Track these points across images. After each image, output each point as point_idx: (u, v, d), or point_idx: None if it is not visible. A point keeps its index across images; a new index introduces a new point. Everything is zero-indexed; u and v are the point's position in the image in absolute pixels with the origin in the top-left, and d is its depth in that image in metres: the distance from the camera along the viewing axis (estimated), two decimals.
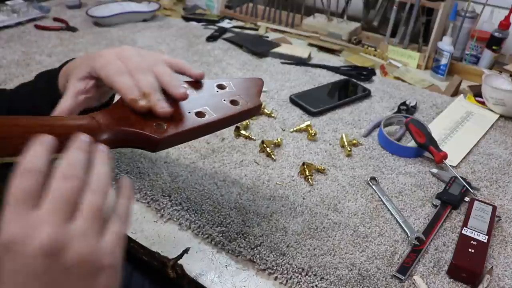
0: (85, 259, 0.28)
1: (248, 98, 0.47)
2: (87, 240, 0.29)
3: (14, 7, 1.25)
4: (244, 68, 1.04)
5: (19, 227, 0.27)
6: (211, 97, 0.46)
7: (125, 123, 0.39)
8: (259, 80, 0.51)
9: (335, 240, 0.58)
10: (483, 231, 0.58)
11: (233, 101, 0.46)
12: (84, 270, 0.28)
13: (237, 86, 0.48)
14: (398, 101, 0.93)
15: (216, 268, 0.55)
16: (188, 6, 1.46)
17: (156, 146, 0.39)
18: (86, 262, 0.29)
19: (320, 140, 0.79)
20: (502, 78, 0.93)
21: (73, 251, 0.28)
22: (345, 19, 1.28)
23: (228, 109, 0.45)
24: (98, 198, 0.30)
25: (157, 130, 0.39)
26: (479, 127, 0.85)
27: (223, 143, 0.76)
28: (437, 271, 0.55)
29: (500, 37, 1.03)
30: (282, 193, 0.66)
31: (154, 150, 0.40)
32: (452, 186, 0.67)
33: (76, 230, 0.29)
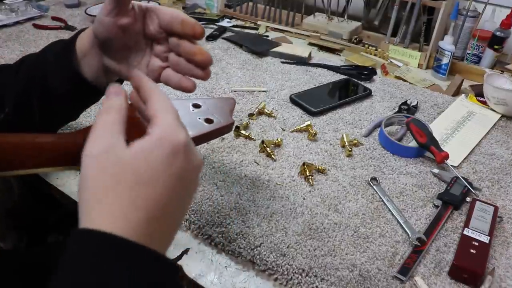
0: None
1: (221, 117, 0.50)
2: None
3: (12, 6, 1.25)
4: (244, 68, 1.04)
5: (170, 124, 0.34)
6: (187, 115, 0.49)
7: None
8: (232, 99, 0.55)
9: (335, 241, 0.58)
10: (485, 231, 0.58)
11: (207, 120, 0.49)
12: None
13: (211, 105, 0.51)
14: (399, 101, 0.92)
15: (216, 269, 0.54)
16: (187, 5, 1.46)
17: None
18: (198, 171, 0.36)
19: (320, 140, 0.79)
20: (503, 77, 0.92)
21: (195, 152, 0.36)
22: (345, 18, 1.28)
23: (203, 127, 0.47)
24: None
25: None
26: (481, 127, 0.85)
27: (223, 143, 0.76)
28: (438, 272, 0.54)
29: (502, 37, 1.03)
30: (282, 193, 0.66)
31: None
32: (453, 187, 0.67)
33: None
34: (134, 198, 0.30)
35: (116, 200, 0.30)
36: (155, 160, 0.31)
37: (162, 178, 0.31)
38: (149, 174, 0.31)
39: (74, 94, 0.51)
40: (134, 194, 0.30)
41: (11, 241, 0.77)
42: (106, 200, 0.30)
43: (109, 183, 0.30)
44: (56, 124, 0.58)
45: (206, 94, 0.92)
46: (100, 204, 0.30)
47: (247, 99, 0.91)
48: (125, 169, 0.31)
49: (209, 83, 0.96)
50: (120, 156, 0.31)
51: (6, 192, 0.72)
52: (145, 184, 0.31)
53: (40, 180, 0.68)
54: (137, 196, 0.30)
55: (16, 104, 0.52)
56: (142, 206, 0.31)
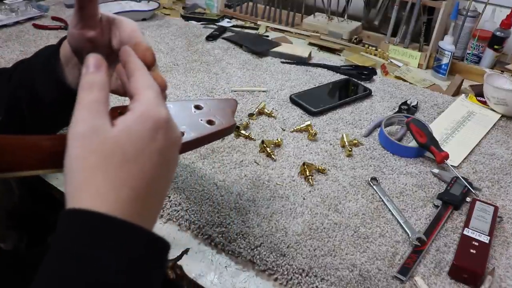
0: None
1: (223, 118, 0.50)
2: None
3: (12, 6, 1.25)
4: (244, 68, 1.04)
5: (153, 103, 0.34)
6: (189, 117, 0.49)
7: None
8: (234, 101, 0.55)
9: (335, 241, 0.58)
10: (485, 231, 0.58)
11: (209, 121, 0.49)
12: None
13: (213, 106, 0.51)
14: (399, 101, 0.92)
15: (216, 269, 0.54)
16: (187, 5, 1.46)
17: None
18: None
19: (320, 140, 0.79)
20: (503, 77, 0.92)
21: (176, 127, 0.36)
22: (345, 18, 1.28)
23: (205, 128, 0.48)
24: None
25: None
26: (481, 127, 0.85)
27: (223, 143, 0.76)
28: (438, 272, 0.54)
29: (502, 37, 1.03)
30: (282, 193, 0.66)
31: None
32: (453, 187, 0.67)
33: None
34: (122, 176, 0.30)
35: (104, 180, 0.30)
36: (139, 136, 0.32)
37: (147, 155, 0.32)
38: (134, 151, 0.31)
39: (61, 101, 0.51)
40: (121, 172, 0.30)
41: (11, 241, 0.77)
42: (95, 180, 0.30)
43: (96, 163, 0.30)
44: (48, 130, 0.58)
45: (206, 94, 0.92)
46: (88, 185, 0.30)
47: (247, 99, 0.91)
48: (112, 147, 0.31)
49: (209, 83, 0.96)
50: (106, 135, 0.31)
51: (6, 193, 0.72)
52: (131, 161, 0.31)
53: (40, 180, 0.68)
54: (124, 174, 0.31)
55: (7, 109, 0.52)
56: (130, 184, 0.31)
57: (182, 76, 0.98)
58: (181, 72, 1.00)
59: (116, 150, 0.31)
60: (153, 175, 0.32)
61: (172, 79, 0.97)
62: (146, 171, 0.32)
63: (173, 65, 1.04)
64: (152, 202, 0.33)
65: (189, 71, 1.01)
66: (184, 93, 0.91)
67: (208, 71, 1.01)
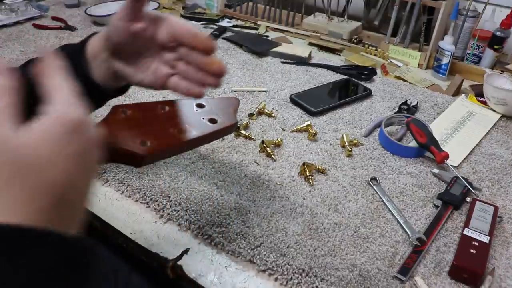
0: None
1: (225, 117, 0.50)
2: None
3: (12, 6, 1.25)
4: (244, 68, 1.04)
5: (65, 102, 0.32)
6: (191, 115, 0.49)
7: (110, 141, 0.41)
8: (236, 99, 0.55)
9: (335, 241, 0.58)
10: (485, 231, 0.58)
11: (211, 120, 0.49)
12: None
13: (215, 105, 0.51)
14: (399, 101, 0.92)
15: (216, 269, 0.54)
16: (187, 5, 1.46)
17: (141, 162, 0.41)
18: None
19: (320, 140, 0.79)
20: (504, 77, 0.92)
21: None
22: (345, 18, 1.28)
23: (207, 127, 0.48)
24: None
25: (141, 147, 0.41)
26: (481, 127, 0.85)
27: (223, 143, 0.76)
28: (438, 272, 0.54)
29: (502, 37, 1.03)
30: (282, 193, 0.66)
31: (138, 166, 0.42)
32: (453, 187, 0.67)
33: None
34: (34, 186, 0.29)
35: (13, 192, 0.28)
36: (54, 141, 0.30)
37: (62, 160, 0.30)
38: (48, 157, 0.30)
39: (86, 96, 0.51)
40: (33, 182, 0.29)
41: None
42: (2, 193, 0.28)
43: (4, 174, 0.28)
44: None
45: (206, 94, 0.91)
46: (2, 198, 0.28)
47: (247, 99, 0.91)
48: (21, 156, 0.29)
49: None
50: (13, 144, 0.29)
51: None
52: (45, 169, 0.29)
53: None
54: (36, 183, 0.29)
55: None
56: (43, 193, 0.29)
57: None
58: None
59: (26, 158, 0.29)
60: (72, 179, 0.31)
61: None
62: (63, 176, 0.30)
63: None
64: (72, 206, 0.31)
65: None
66: None
67: None
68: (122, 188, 0.65)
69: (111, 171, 0.68)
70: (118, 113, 0.44)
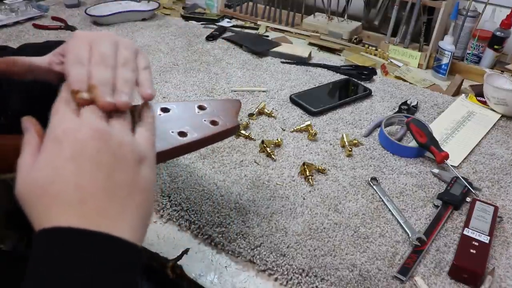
0: (127, 146, 0.33)
1: (227, 119, 0.50)
2: (124, 134, 0.33)
3: (12, 6, 1.25)
4: (244, 68, 1.04)
5: (69, 123, 0.32)
6: (192, 117, 0.48)
7: None
8: (237, 101, 0.55)
9: (335, 241, 0.58)
10: (485, 231, 0.58)
11: (213, 122, 0.48)
12: (128, 156, 0.32)
13: (216, 107, 0.51)
14: (399, 101, 0.92)
15: (216, 269, 0.54)
16: (187, 5, 1.46)
17: None
18: (129, 149, 0.33)
19: (320, 140, 0.79)
20: (503, 77, 0.92)
21: (117, 138, 0.32)
22: (345, 18, 1.28)
23: (208, 129, 0.47)
24: (123, 114, 0.36)
25: None
26: (481, 127, 0.85)
27: (223, 143, 0.76)
28: (438, 272, 0.54)
29: (502, 37, 1.03)
30: (282, 193, 0.66)
31: None
32: (453, 187, 0.67)
33: (114, 126, 0.33)
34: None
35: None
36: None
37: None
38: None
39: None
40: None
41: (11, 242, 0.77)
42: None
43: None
44: None
45: (206, 94, 0.92)
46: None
47: (247, 99, 0.91)
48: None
49: (209, 83, 0.96)
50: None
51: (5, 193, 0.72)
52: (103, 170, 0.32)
53: None
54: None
55: (21, 107, 0.52)
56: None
57: (182, 76, 0.98)
58: (181, 72, 1.00)
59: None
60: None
61: (172, 79, 0.97)
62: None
63: (173, 65, 1.04)
64: (113, 206, 0.32)
65: (189, 71, 1.01)
66: (184, 93, 0.91)
67: (208, 71, 1.01)
68: None
69: None
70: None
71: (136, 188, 0.33)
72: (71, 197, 0.30)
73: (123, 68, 0.41)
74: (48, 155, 0.31)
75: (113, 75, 0.40)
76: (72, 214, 0.29)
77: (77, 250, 0.28)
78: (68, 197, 0.29)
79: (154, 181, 0.35)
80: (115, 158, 0.32)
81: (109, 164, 0.31)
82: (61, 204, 0.29)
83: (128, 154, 0.33)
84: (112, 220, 0.30)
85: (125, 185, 0.32)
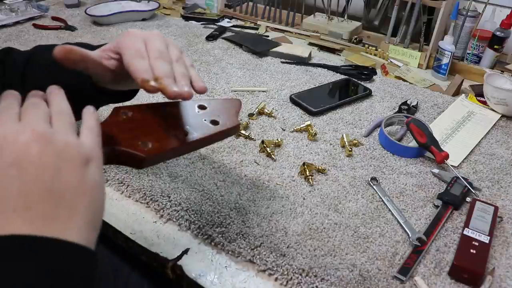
0: (72, 147, 0.32)
1: (227, 118, 0.49)
2: (68, 135, 0.33)
3: (12, 6, 1.25)
4: (244, 68, 1.04)
5: (10, 128, 0.31)
6: (193, 117, 0.48)
7: (111, 142, 0.41)
8: (238, 101, 0.55)
9: (335, 241, 0.58)
10: (485, 231, 0.58)
11: (213, 121, 0.48)
12: (73, 157, 0.32)
13: (217, 106, 0.51)
14: (399, 101, 0.92)
15: (216, 269, 0.54)
16: (187, 5, 1.46)
17: (142, 164, 0.41)
18: (74, 149, 0.32)
19: (320, 140, 0.79)
20: (504, 77, 0.92)
21: (60, 138, 0.32)
22: (345, 18, 1.28)
23: (209, 128, 0.47)
24: (66, 115, 0.35)
25: (142, 148, 0.41)
26: (481, 127, 0.85)
27: (223, 143, 0.76)
28: (438, 272, 0.54)
29: (502, 36, 1.03)
30: (282, 193, 0.66)
31: (140, 167, 0.42)
32: (453, 187, 0.67)
33: (57, 128, 0.33)
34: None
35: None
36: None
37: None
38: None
39: (78, 93, 0.51)
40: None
41: None
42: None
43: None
44: None
45: (206, 94, 0.92)
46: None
47: (247, 99, 0.91)
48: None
49: (209, 83, 0.96)
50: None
51: None
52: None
53: None
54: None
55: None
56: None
57: None
58: None
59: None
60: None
61: None
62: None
63: None
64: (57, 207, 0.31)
65: None
66: None
67: (208, 71, 1.01)
68: (122, 188, 0.65)
69: (111, 171, 0.68)
70: (119, 115, 0.44)
71: (84, 189, 0.32)
72: (16, 203, 0.29)
73: (177, 63, 0.44)
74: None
75: (171, 69, 0.43)
76: (17, 221, 0.28)
77: (21, 257, 0.27)
78: (13, 203, 0.29)
79: (102, 182, 0.35)
80: (59, 159, 0.31)
81: (53, 167, 0.30)
82: (5, 211, 0.29)
83: (73, 155, 0.32)
84: (60, 223, 0.30)
85: (71, 187, 0.31)
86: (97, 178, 0.33)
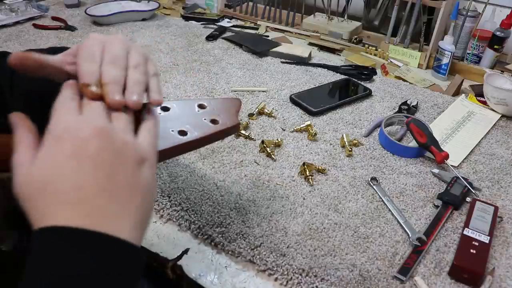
0: (130, 146, 0.33)
1: (227, 118, 0.50)
2: (127, 134, 0.33)
3: (12, 6, 1.25)
4: (244, 68, 1.04)
5: (71, 120, 0.32)
6: (193, 116, 0.49)
7: None
8: (237, 100, 0.55)
9: (335, 241, 0.58)
10: (485, 231, 0.58)
11: (213, 120, 0.48)
12: (130, 156, 0.32)
13: (217, 106, 0.51)
14: (399, 101, 0.92)
15: (216, 269, 0.54)
16: (187, 5, 1.46)
17: None
18: (131, 149, 0.33)
19: (320, 140, 0.79)
20: (504, 77, 0.92)
21: (119, 137, 0.32)
22: (345, 18, 1.28)
23: (208, 128, 0.47)
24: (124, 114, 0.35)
25: None
26: (481, 127, 0.85)
27: (223, 143, 0.76)
28: (438, 272, 0.54)
29: (502, 36, 1.03)
30: (282, 193, 0.66)
31: None
32: (453, 187, 0.67)
33: (117, 125, 0.33)
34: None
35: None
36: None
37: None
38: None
39: None
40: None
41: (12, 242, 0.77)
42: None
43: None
44: None
45: (206, 94, 0.92)
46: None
47: (247, 99, 0.91)
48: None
49: (209, 83, 0.96)
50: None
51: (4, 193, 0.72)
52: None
53: None
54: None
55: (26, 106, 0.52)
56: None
57: (182, 76, 0.98)
58: (181, 72, 1.01)
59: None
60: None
61: (172, 79, 0.97)
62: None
63: (173, 65, 1.04)
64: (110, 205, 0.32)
65: (189, 71, 1.01)
66: (184, 93, 0.91)
67: (208, 71, 1.01)
68: None
69: None
70: None
71: (137, 189, 0.32)
72: (71, 196, 0.29)
73: (134, 70, 0.41)
74: (49, 153, 0.31)
75: (124, 76, 0.40)
76: (71, 213, 0.29)
77: (74, 249, 0.28)
78: (68, 196, 0.29)
79: (154, 183, 0.35)
80: (116, 157, 0.31)
81: (110, 164, 0.31)
82: (60, 203, 0.29)
83: (130, 154, 0.32)
84: (111, 220, 0.30)
85: (125, 186, 0.31)
86: (149, 179, 0.34)
